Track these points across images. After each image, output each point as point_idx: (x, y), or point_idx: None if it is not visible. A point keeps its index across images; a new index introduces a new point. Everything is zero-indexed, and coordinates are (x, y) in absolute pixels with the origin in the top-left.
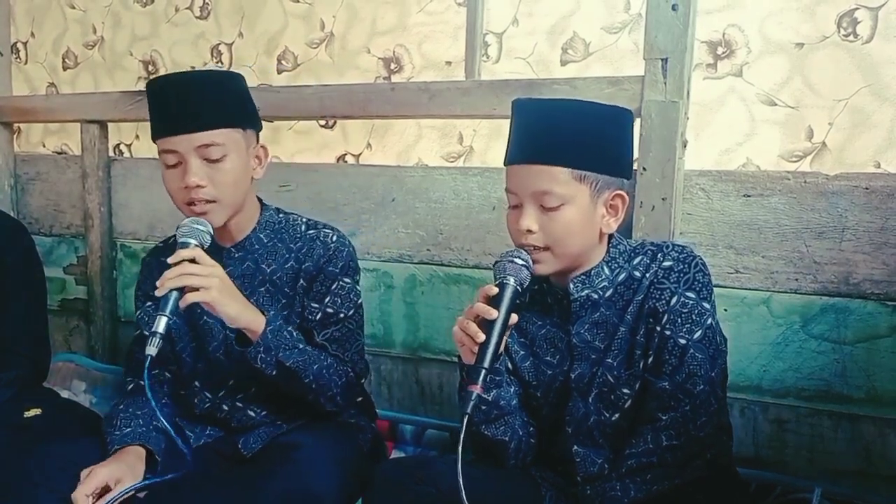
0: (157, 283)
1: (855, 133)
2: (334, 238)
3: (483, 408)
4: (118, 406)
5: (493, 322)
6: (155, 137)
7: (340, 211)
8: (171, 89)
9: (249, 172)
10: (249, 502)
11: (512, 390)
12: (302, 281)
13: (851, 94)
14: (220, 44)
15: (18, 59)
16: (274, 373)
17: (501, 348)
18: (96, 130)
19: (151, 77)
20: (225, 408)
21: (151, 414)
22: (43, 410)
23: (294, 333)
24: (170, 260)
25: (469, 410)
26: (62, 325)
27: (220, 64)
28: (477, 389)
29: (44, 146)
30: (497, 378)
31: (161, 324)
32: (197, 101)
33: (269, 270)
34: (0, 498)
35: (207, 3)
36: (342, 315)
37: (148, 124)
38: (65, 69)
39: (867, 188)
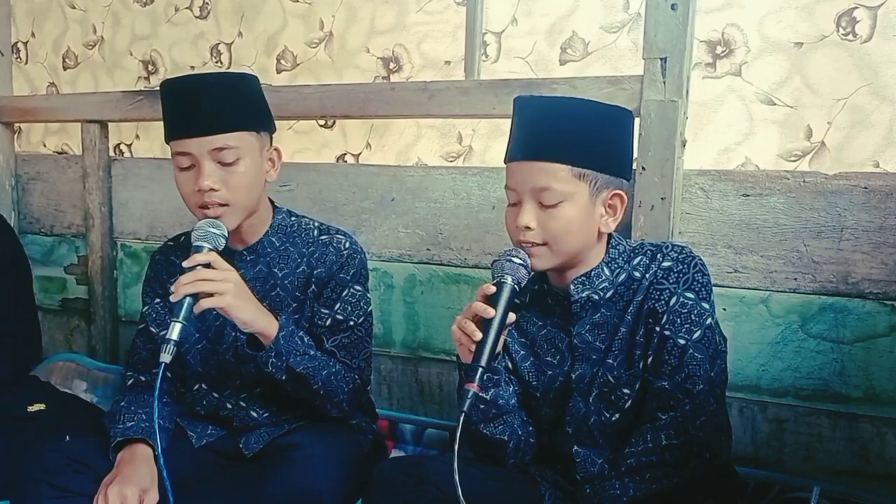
0: (172, 289)
1: (854, 132)
2: (347, 245)
3: (482, 407)
4: (120, 402)
5: (490, 321)
6: (168, 139)
7: (340, 211)
8: (186, 91)
9: (263, 175)
10: (250, 502)
11: (511, 390)
12: (313, 286)
13: (850, 93)
14: (219, 43)
15: (19, 59)
16: (284, 377)
17: (500, 347)
18: (97, 130)
19: (167, 78)
20: (229, 406)
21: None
22: (47, 406)
23: (305, 339)
24: (184, 264)
25: (466, 409)
26: (63, 325)
27: (219, 64)
28: (474, 388)
29: (44, 146)
30: (496, 377)
31: (176, 330)
32: (211, 104)
33: (280, 275)
34: (3, 492)
35: (207, 3)
36: (352, 322)
37: (148, 124)
38: (65, 69)
39: (866, 188)
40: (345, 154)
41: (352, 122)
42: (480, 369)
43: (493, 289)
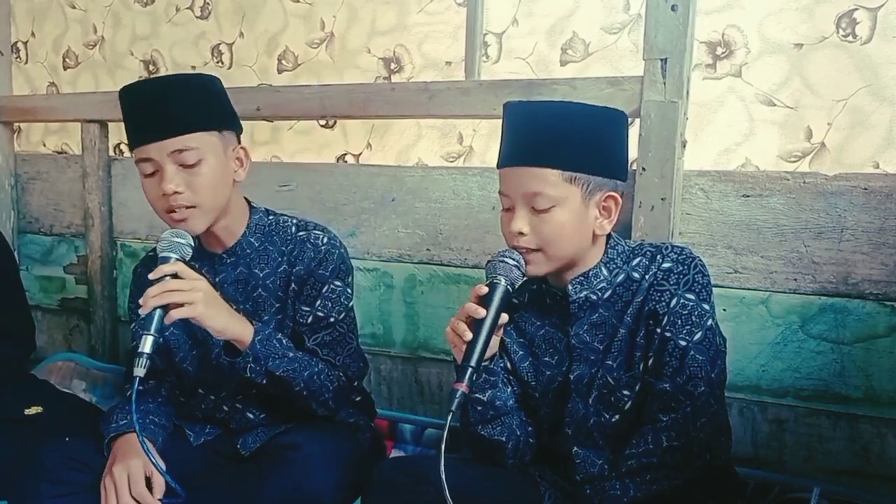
0: (140, 301)
1: (854, 133)
2: (325, 240)
3: (479, 408)
4: (114, 406)
5: (481, 321)
6: (131, 148)
7: (340, 211)
8: (140, 97)
9: (230, 175)
10: (247, 501)
11: (509, 390)
12: (293, 285)
13: (850, 94)
14: (220, 44)
15: (19, 59)
16: (264, 381)
17: (494, 348)
18: (97, 130)
19: (121, 88)
20: (225, 408)
21: (151, 411)
22: (44, 408)
23: (284, 341)
24: (151, 276)
25: (454, 408)
26: (62, 325)
27: (220, 64)
28: (462, 387)
29: (44, 146)
30: (492, 378)
31: (147, 343)
32: (167, 106)
33: (261, 275)
34: (2, 490)
35: (208, 3)
36: (332, 319)
37: None
38: (65, 69)
39: (866, 188)
40: (345, 154)
41: (352, 123)
42: (470, 369)
43: (486, 289)
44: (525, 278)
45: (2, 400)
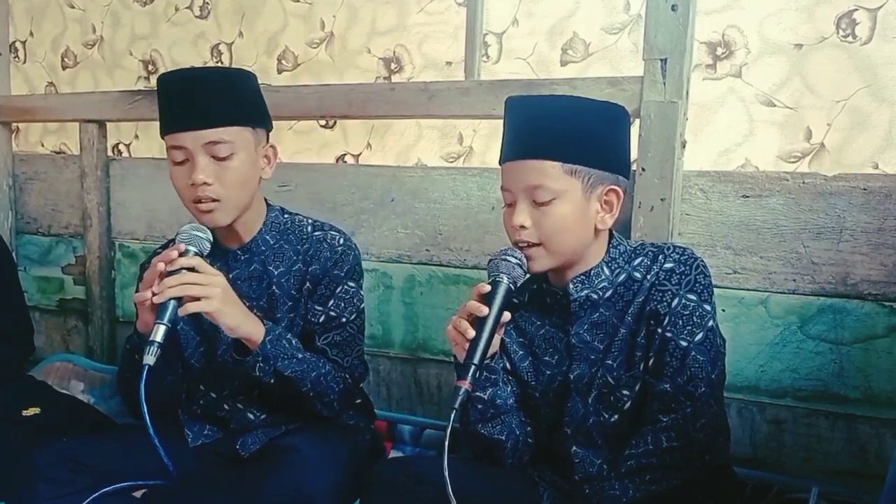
0: (155, 290)
1: (853, 134)
2: (342, 241)
3: (479, 406)
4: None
5: (484, 319)
6: (163, 133)
7: (340, 211)
8: (181, 84)
9: (258, 172)
10: (245, 503)
11: (509, 389)
12: (308, 283)
13: (850, 95)
14: (219, 43)
15: (17, 59)
16: (272, 381)
17: (496, 347)
18: (95, 130)
19: (161, 74)
20: (226, 407)
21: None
22: (42, 409)
23: (293, 342)
24: (168, 267)
25: (457, 406)
26: (60, 325)
27: (219, 64)
28: (465, 385)
29: (42, 146)
30: (493, 377)
31: (160, 333)
32: (206, 98)
33: (276, 273)
34: (0, 491)
35: (207, 3)
36: (344, 319)
37: (147, 124)
38: (64, 68)
39: (865, 189)
40: (345, 154)
41: (352, 123)
42: (473, 367)
43: (489, 287)
44: (527, 276)
45: (0, 401)
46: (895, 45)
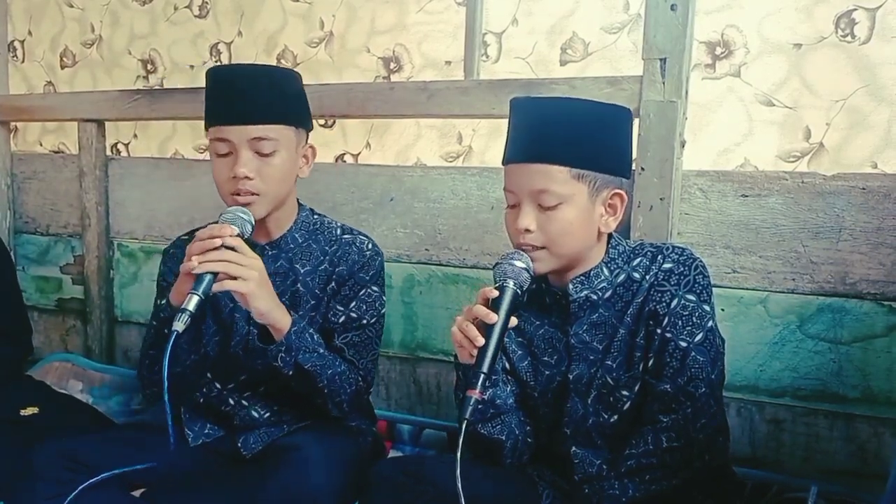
0: (196, 261)
1: (852, 133)
2: (370, 246)
3: (479, 406)
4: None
5: (492, 326)
6: (208, 125)
7: (339, 210)
8: (231, 79)
9: (296, 170)
10: (246, 502)
11: (508, 389)
12: (333, 284)
13: (849, 94)
14: (219, 42)
15: (16, 58)
16: (291, 373)
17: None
18: (94, 129)
19: (211, 67)
20: (231, 402)
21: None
22: (40, 409)
23: (315, 337)
24: (205, 235)
25: (468, 416)
26: (59, 325)
27: (219, 63)
28: (476, 394)
29: (41, 145)
30: (493, 377)
31: (192, 302)
32: (255, 94)
33: (302, 271)
34: None
35: (206, 2)
36: (364, 322)
37: (146, 123)
38: (63, 68)
39: (864, 188)
40: (344, 154)
41: (352, 122)
42: (482, 375)
43: (496, 293)
44: (532, 280)
45: None
46: (894, 44)
